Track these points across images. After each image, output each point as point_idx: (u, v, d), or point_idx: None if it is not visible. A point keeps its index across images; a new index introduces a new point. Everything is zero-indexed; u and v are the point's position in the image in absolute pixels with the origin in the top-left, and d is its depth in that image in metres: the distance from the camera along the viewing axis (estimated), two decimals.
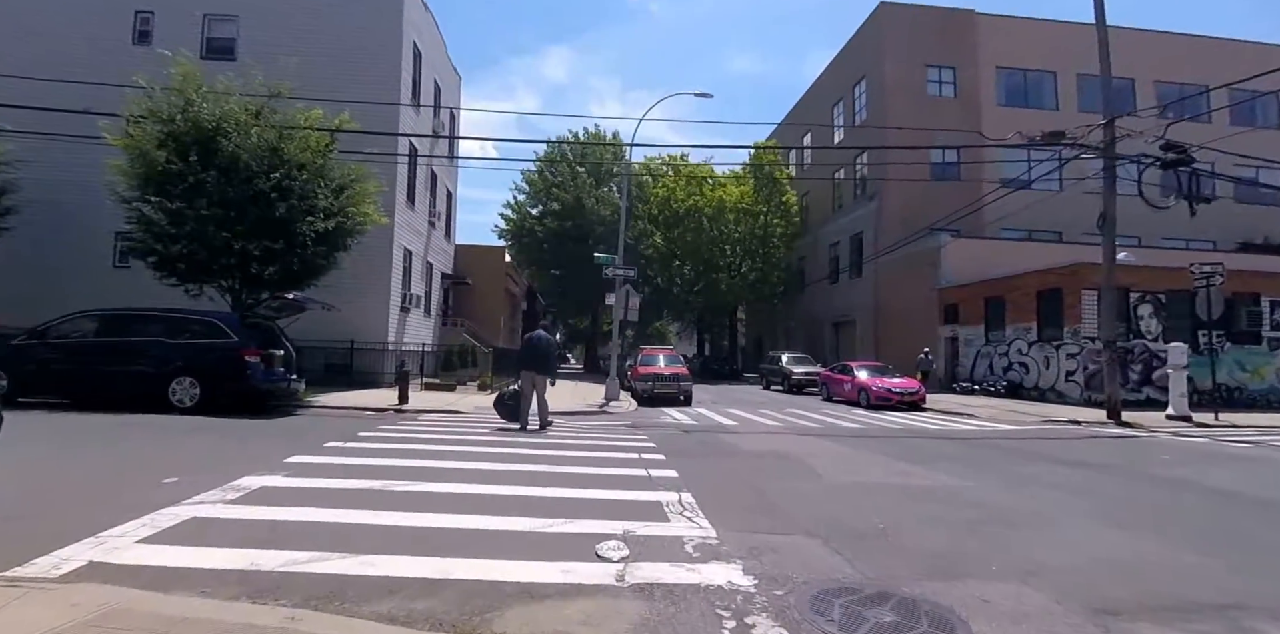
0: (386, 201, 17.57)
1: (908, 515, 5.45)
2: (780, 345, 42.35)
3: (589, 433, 10.66)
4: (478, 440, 8.81)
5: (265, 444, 7.85)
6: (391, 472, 6.35)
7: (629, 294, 17.61)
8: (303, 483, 5.74)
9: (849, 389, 20.15)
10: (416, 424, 10.73)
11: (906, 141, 31.76)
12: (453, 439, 8.78)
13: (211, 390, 10.80)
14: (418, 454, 7.42)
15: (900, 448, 10.04)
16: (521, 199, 42.63)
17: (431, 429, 9.87)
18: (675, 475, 6.67)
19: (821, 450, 9.23)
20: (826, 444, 10.09)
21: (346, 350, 17.67)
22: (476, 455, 7.58)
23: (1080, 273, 20.36)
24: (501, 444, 8.54)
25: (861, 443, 10.53)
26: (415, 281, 20.87)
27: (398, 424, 10.62)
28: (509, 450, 8.07)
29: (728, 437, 10.71)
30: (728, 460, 8.03)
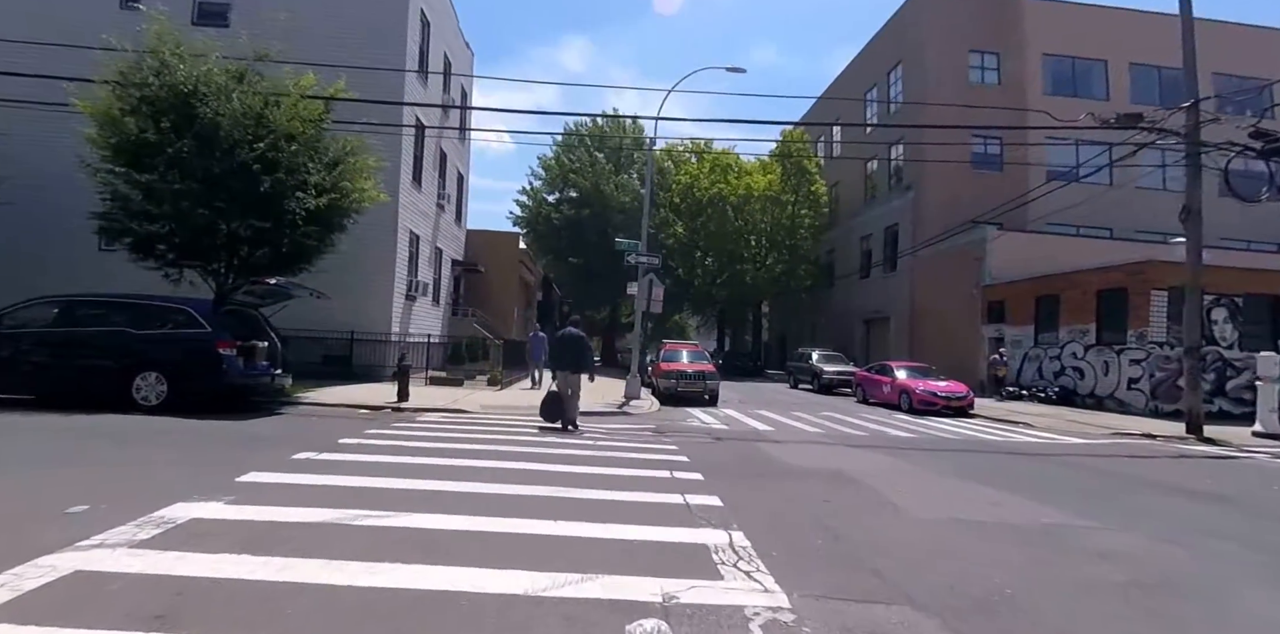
0: (389, 180, 16.25)
1: (1034, 573, 4.05)
2: (806, 342, 40.63)
3: (610, 440, 9.28)
4: (478, 451, 7.43)
5: (224, 454, 6.55)
6: (363, 496, 5.01)
7: (652, 283, 16.18)
8: (245, 513, 4.41)
9: (888, 391, 18.60)
10: (411, 427, 9.40)
11: (943, 137, 29.93)
12: (449, 448, 7.43)
13: (180, 387, 9.48)
14: (402, 471, 6.08)
15: (970, 465, 8.55)
16: (537, 185, 41.35)
17: (427, 434, 8.54)
18: (719, 505, 5.26)
19: (883, 468, 7.77)
20: (885, 459, 8.62)
21: (346, 341, 16.42)
22: (474, 472, 6.22)
23: (1149, 271, 18.60)
24: (507, 456, 7.16)
25: (923, 458, 9.04)
26: (422, 268, 19.58)
27: (390, 427, 9.29)
28: (515, 466, 6.69)
29: (767, 447, 9.27)
30: (777, 482, 6.59)
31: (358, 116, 13.31)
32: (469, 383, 16.37)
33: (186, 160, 10.49)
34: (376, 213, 16.39)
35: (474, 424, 9.99)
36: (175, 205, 10.53)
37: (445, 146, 21.92)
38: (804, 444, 9.87)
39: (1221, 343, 18.81)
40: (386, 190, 15.56)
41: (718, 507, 5.18)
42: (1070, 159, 30.51)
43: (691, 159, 39.94)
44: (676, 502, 5.31)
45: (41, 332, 9.86)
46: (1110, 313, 19.68)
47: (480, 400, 13.40)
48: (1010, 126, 25.08)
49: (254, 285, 10.45)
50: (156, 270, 12.08)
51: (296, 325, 16.03)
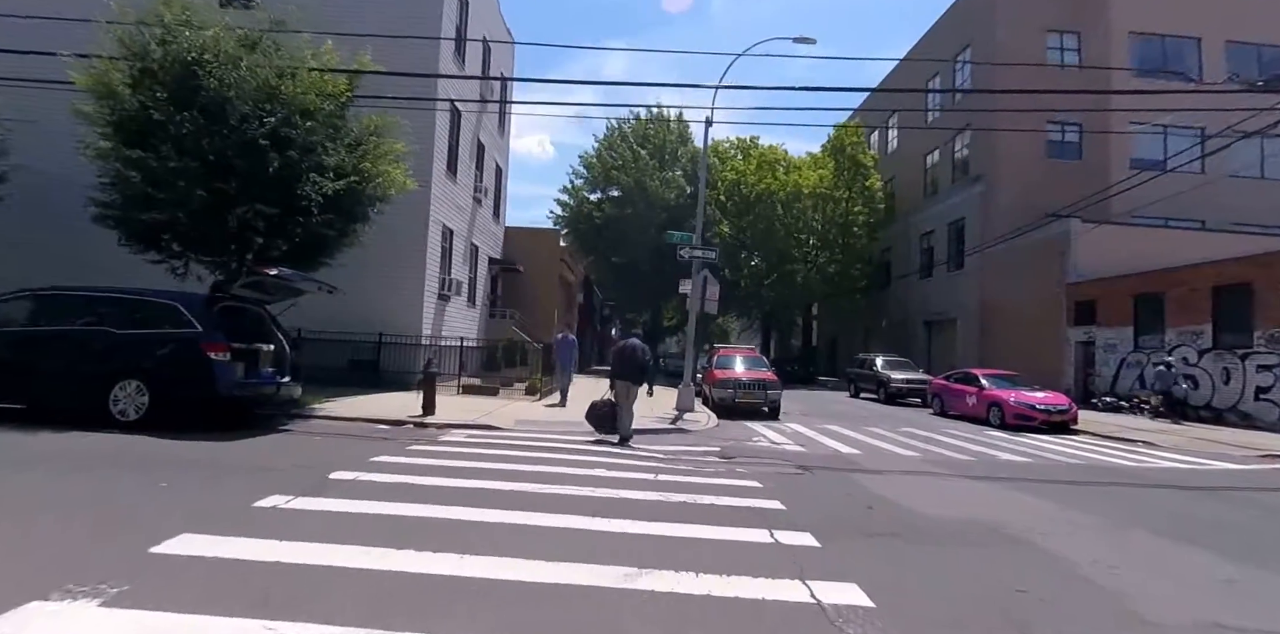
0: (420, 168, 14.84)
1: None
2: (859, 346, 38.31)
3: (672, 468, 7.52)
4: (502, 495, 5.59)
5: (170, 499, 4.91)
6: (330, 581, 3.35)
7: (707, 281, 14.39)
8: (141, 619, 2.77)
9: (973, 403, 16.41)
10: (429, 452, 7.72)
11: (1016, 123, 27.35)
12: (467, 489, 5.67)
13: (163, 398, 7.97)
14: (393, 532, 4.27)
15: (1143, 509, 6.55)
16: (579, 184, 39.84)
17: (445, 464, 6.83)
18: (866, 603, 3.41)
19: (1042, 518, 5.83)
20: (1031, 501, 6.65)
21: (374, 345, 15.01)
22: (498, 533, 4.46)
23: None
24: (542, 504, 5.28)
25: (1074, 497, 7.04)
26: (456, 265, 18.12)
27: (404, 451, 7.63)
28: (552, 522, 4.73)
29: (869, 481, 7.38)
30: (923, 550, 4.64)
31: (385, 94, 11.86)
32: (505, 391, 14.78)
33: (188, 137, 9.11)
34: (406, 203, 14.98)
35: (504, 447, 8.30)
36: (174, 186, 9.12)
37: (483, 138, 20.51)
38: (912, 476, 7.95)
39: None
40: (417, 179, 14.17)
41: (865, 608, 3.35)
42: (1155, 146, 27.85)
43: (737, 156, 38.04)
44: (800, 597, 3.45)
45: (20, 331, 8.44)
46: (1230, 312, 17.15)
47: (515, 413, 11.77)
48: (1109, 109, 22.50)
49: (251, 276, 8.90)
50: (160, 263, 10.75)
51: (321, 327, 14.74)
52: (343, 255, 12.03)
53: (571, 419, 11.62)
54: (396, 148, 11.82)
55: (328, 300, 15.10)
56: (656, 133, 39.59)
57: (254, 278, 8.88)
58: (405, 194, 12.85)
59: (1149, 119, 27.25)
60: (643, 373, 10.33)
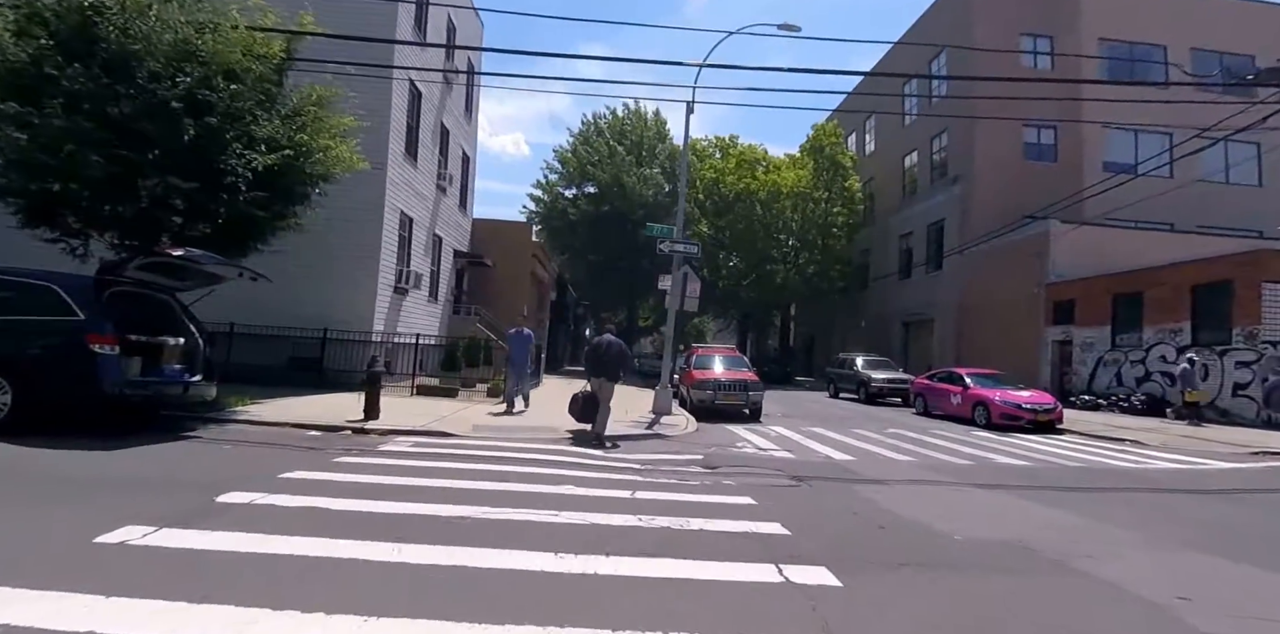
0: (375, 148, 13.84)
1: None
2: (836, 346, 37.99)
3: (652, 482, 6.72)
4: (446, 522, 4.57)
5: (4, 526, 3.93)
6: None
7: (687, 277, 13.62)
8: None
9: (958, 402, 15.91)
10: (362, 465, 6.73)
11: (993, 126, 27.12)
12: (399, 514, 4.74)
13: (34, 398, 6.81)
14: (284, 578, 3.33)
15: (1173, 519, 5.95)
16: (553, 179, 38.83)
17: (378, 481, 5.81)
18: None
19: (1073, 534, 5.17)
20: (1055, 514, 5.99)
21: (318, 341, 13.93)
22: (423, 581, 3.43)
23: (1262, 261, 15.89)
24: (492, 531, 4.44)
25: (1096, 507, 6.41)
26: (416, 257, 17.05)
27: (330, 464, 6.63)
28: (504, 560, 3.78)
29: (873, 493, 6.66)
30: (959, 581, 3.89)
31: (332, 59, 10.82)
32: (465, 393, 13.79)
33: (83, 94, 7.90)
34: (358, 186, 14.00)
35: (454, 458, 7.36)
36: (64, 151, 7.83)
37: (448, 122, 19.43)
38: (916, 486, 7.25)
39: None
40: (372, 160, 13.18)
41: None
42: (1127, 150, 27.92)
43: (716, 155, 37.43)
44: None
45: None
46: (1209, 310, 16.96)
47: (473, 418, 10.80)
48: (1082, 104, 22.26)
49: (149, 256, 7.69)
50: (56, 242, 9.42)
51: (260, 320, 13.69)
52: (282, 241, 10.92)
53: (539, 424, 10.77)
54: (344, 122, 10.79)
55: (267, 291, 13.91)
56: (634, 128, 38.79)
57: (153, 258, 7.64)
58: (356, 175, 11.83)
59: (1122, 120, 27.41)
60: (619, 368, 10.10)
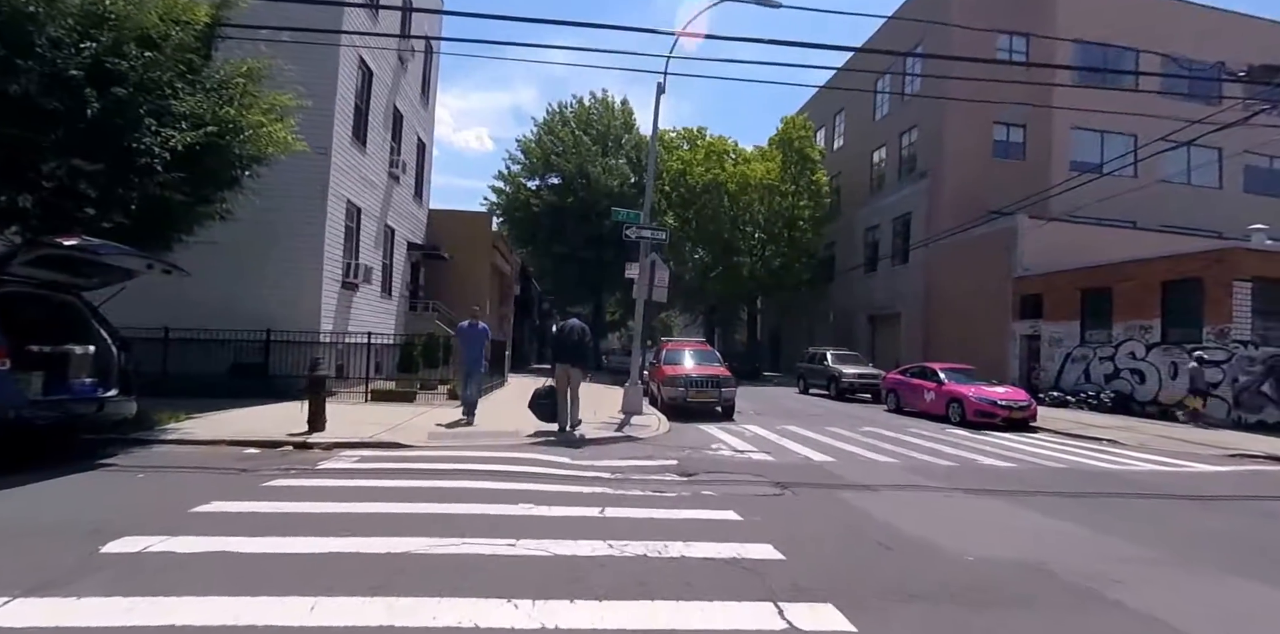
0: (317, 130, 12.82)
1: None
2: (802, 341, 37.86)
3: (624, 494, 6.07)
4: (382, 560, 3.87)
5: None
6: None
7: (655, 265, 12.96)
8: None
9: (931, 399, 15.61)
10: (298, 489, 5.87)
11: (964, 123, 27.26)
12: (328, 553, 3.97)
13: None
14: None
15: (1182, 532, 5.53)
16: (515, 170, 37.70)
17: (309, 510, 5.02)
18: None
19: (1091, 552, 4.68)
20: (1060, 527, 5.51)
21: (261, 344, 12.92)
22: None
23: (1232, 259, 15.86)
24: (435, 571, 3.75)
25: (1098, 516, 5.97)
26: (366, 249, 16.00)
27: (259, 489, 5.74)
28: (443, 614, 3.08)
29: (864, 502, 6.11)
30: (984, 617, 3.38)
31: (267, 25, 9.81)
32: (424, 397, 12.90)
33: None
34: (300, 172, 13.01)
35: (404, 475, 6.56)
36: None
37: (401, 105, 18.35)
38: (906, 493, 6.73)
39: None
40: (315, 144, 12.22)
41: None
42: (1093, 150, 28.23)
43: (684, 146, 36.80)
44: None
45: None
46: (1179, 307, 16.94)
47: (429, 426, 9.87)
48: (1053, 91, 22.16)
49: (38, 248, 6.41)
50: None
51: (196, 323, 12.64)
52: (213, 231, 9.88)
53: (500, 428, 10.01)
54: (280, 99, 9.80)
55: (202, 289, 12.91)
56: (601, 118, 37.86)
57: (41, 251, 6.47)
58: (297, 160, 10.88)
59: (1091, 123, 27.69)
60: (584, 354, 9.92)
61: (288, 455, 7.71)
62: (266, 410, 10.75)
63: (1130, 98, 27.76)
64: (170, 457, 7.31)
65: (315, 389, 8.88)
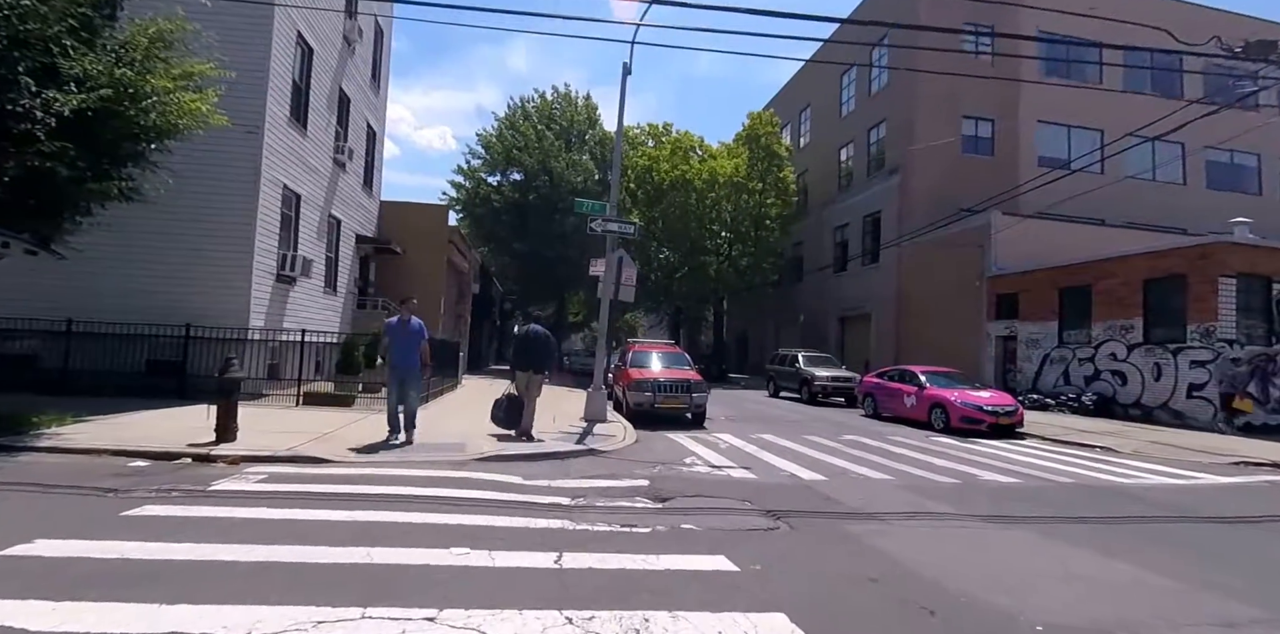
0: (246, 105, 11.46)
1: None
2: (770, 341, 37.19)
3: (584, 530, 4.92)
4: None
5: None
6: None
7: (622, 262, 11.85)
8: None
9: (912, 404, 14.80)
10: (165, 521, 4.51)
11: (932, 118, 26.85)
12: (178, 615, 2.87)
13: None
14: None
15: (1248, 567, 4.61)
16: (476, 164, 36.22)
17: (171, 555, 3.79)
18: None
19: (1174, 606, 3.71)
20: (1110, 566, 4.57)
21: (180, 340, 11.47)
22: None
23: (1217, 254, 15.41)
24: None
25: (1138, 548, 5.07)
26: (307, 240, 14.50)
27: (117, 522, 4.41)
28: None
29: (877, 538, 5.07)
30: None
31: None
32: (364, 401, 11.53)
33: None
34: (228, 152, 11.70)
35: (314, 500, 5.31)
36: None
37: (348, 88, 16.84)
38: (919, 523, 5.71)
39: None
40: (244, 123, 10.93)
41: None
42: (1060, 146, 28.12)
43: (649, 143, 35.76)
44: None
45: None
46: (1163, 306, 16.48)
47: (363, 436, 8.58)
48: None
49: None
50: None
51: (108, 316, 11.19)
52: (125, 215, 8.58)
53: (444, 440, 8.76)
54: (197, 67, 8.54)
55: (112, 279, 11.49)
56: (564, 113, 36.65)
57: None
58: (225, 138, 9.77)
59: (1058, 118, 27.58)
60: (547, 359, 9.67)
61: (181, 470, 6.40)
62: (178, 414, 9.31)
63: (1096, 92, 27.87)
64: (28, 470, 5.95)
65: (226, 393, 7.53)
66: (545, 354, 9.69)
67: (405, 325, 8.64)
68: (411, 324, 8.66)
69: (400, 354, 8.53)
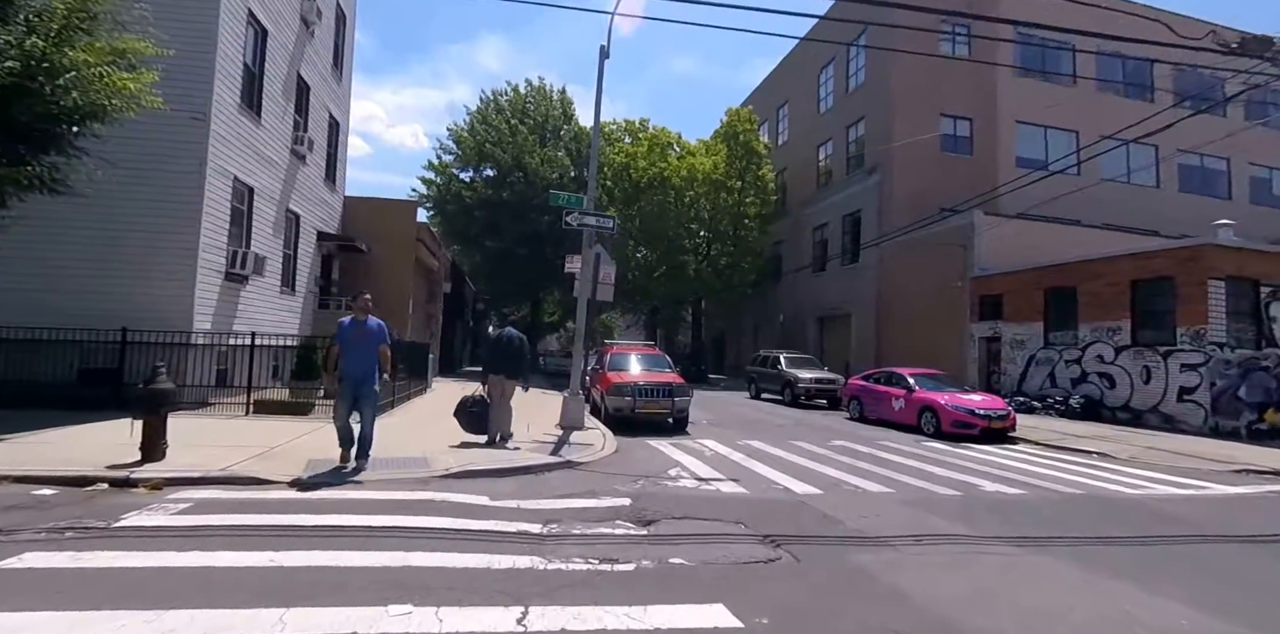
0: (189, 89, 10.56)
1: None
2: (748, 342, 36.72)
3: (559, 570, 4.21)
4: None
5: None
6: None
7: (600, 258, 11.13)
8: None
9: (901, 408, 14.30)
10: (35, 581, 3.68)
11: (911, 115, 26.55)
12: None
13: None
14: None
15: None
16: (447, 160, 35.17)
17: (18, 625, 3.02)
18: None
19: None
20: (1179, 615, 3.95)
21: (115, 346, 10.40)
22: None
23: (1206, 256, 15.14)
24: None
25: (1200, 582, 4.49)
26: (262, 236, 13.49)
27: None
28: None
29: (888, 570, 4.44)
30: None
31: None
32: (323, 409, 10.66)
33: None
34: (169, 140, 10.82)
35: (246, 541, 4.45)
36: None
37: (308, 75, 15.83)
38: (930, 547, 5.09)
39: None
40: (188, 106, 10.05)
41: None
42: (1038, 147, 27.99)
43: (625, 139, 35.03)
44: None
45: None
46: (1151, 308, 16.19)
47: (313, 450, 7.64)
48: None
49: None
50: None
51: (36, 320, 10.24)
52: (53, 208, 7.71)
53: (406, 453, 7.95)
54: (131, 44, 7.69)
55: (48, 279, 10.58)
56: (538, 107, 35.75)
57: None
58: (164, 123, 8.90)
59: (1035, 119, 27.43)
60: (519, 364, 9.33)
61: (92, 499, 5.53)
62: (108, 430, 8.34)
63: (1071, 92, 27.80)
64: None
65: (152, 407, 6.66)
66: (519, 358, 9.37)
67: (360, 326, 7.15)
68: (368, 325, 7.20)
69: (354, 361, 7.04)
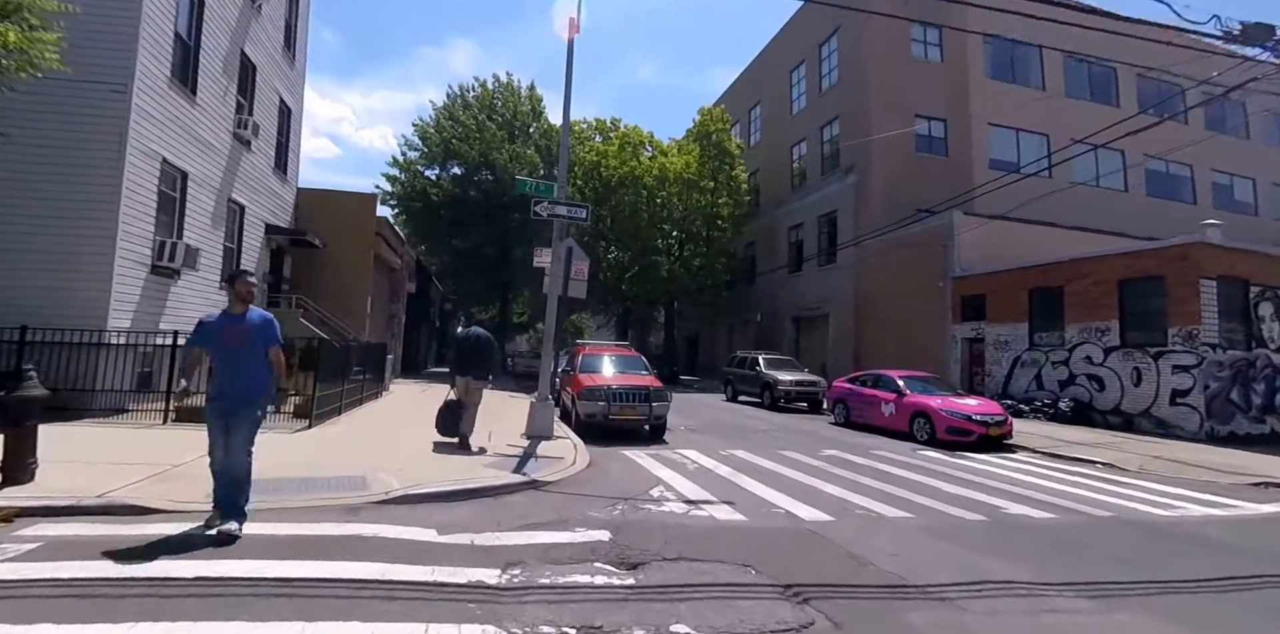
0: (110, 59, 9.29)
1: None
2: (721, 343, 35.99)
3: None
4: None
5: None
6: None
7: (572, 252, 10.08)
8: None
9: (890, 413, 13.49)
10: None
11: (886, 115, 26.02)
12: None
13: None
14: None
15: None
16: (413, 157, 33.74)
17: None
18: None
19: None
20: None
21: (13, 346, 8.95)
22: None
23: (1196, 255, 14.66)
24: None
25: None
26: (199, 227, 12.06)
27: None
28: None
29: (939, 630, 3.46)
30: None
31: None
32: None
33: None
34: (83, 115, 9.57)
35: (93, 605, 3.36)
36: None
37: (253, 53, 14.42)
38: (991, 602, 4.16)
39: (1270, 344, 15.21)
40: (106, 77, 8.84)
41: None
42: (1010, 149, 27.70)
43: (596, 138, 34.03)
44: None
45: None
46: (1140, 308, 15.68)
47: None
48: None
49: None
50: None
51: None
52: None
53: (345, 470, 6.77)
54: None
55: None
56: (506, 103, 34.55)
57: None
58: (75, 95, 7.82)
59: (1007, 121, 27.17)
60: (487, 365, 9.11)
61: None
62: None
63: (1042, 97, 27.61)
64: None
65: (14, 418, 5.42)
66: (486, 359, 9.09)
67: (236, 323, 4.83)
68: (248, 319, 4.86)
69: (233, 373, 4.76)
